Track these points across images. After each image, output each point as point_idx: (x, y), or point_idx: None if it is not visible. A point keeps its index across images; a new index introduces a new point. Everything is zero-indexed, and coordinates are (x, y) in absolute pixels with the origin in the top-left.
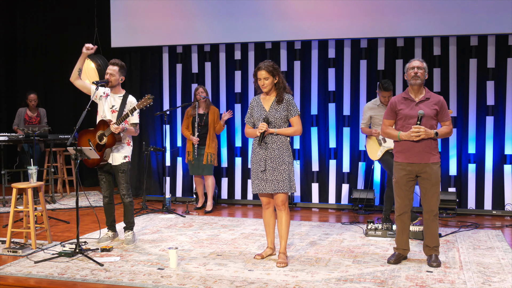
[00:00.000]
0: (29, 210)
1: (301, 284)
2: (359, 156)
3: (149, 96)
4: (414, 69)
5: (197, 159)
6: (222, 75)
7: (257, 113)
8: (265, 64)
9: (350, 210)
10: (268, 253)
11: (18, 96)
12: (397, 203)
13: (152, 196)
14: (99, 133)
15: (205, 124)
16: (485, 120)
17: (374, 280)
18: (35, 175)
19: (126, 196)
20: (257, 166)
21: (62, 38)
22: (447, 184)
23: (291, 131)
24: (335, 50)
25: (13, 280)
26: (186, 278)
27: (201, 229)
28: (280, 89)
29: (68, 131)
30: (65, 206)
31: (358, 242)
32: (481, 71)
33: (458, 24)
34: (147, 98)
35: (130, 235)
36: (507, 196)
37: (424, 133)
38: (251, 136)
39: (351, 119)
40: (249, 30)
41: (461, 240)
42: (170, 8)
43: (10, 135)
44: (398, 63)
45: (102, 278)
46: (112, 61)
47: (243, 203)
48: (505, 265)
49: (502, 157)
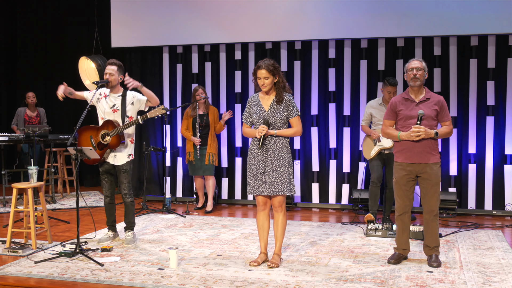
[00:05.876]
0: (29, 210)
1: (302, 284)
2: (359, 156)
3: (163, 107)
4: (413, 71)
5: (199, 160)
6: (222, 75)
7: (256, 113)
8: (265, 63)
9: (351, 210)
10: (263, 259)
11: (18, 96)
12: (397, 203)
13: (153, 196)
14: (103, 132)
15: (206, 125)
16: (485, 120)
17: (375, 280)
18: (35, 175)
19: (128, 195)
20: (256, 168)
21: (62, 38)
22: (447, 184)
23: (291, 132)
24: (335, 50)
25: (14, 280)
26: (186, 278)
27: (201, 229)
28: (280, 89)
29: (68, 131)
30: (65, 206)
31: (358, 242)
32: (481, 71)
33: (458, 24)
34: (160, 108)
35: (130, 235)
36: (507, 196)
37: (424, 133)
38: (249, 136)
39: (351, 119)
40: (249, 30)
41: (461, 240)
42: (170, 8)
43: (10, 135)
44: (398, 63)
45: (102, 278)
46: (110, 61)
47: (243, 203)
48: (505, 265)
49: (502, 157)
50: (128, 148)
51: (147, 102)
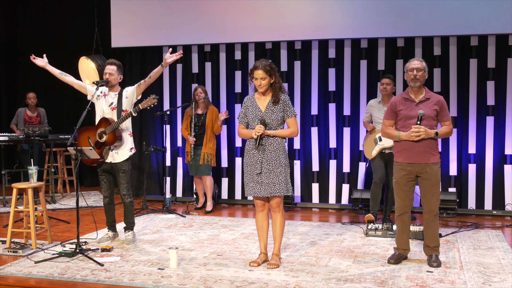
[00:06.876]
0: (29, 210)
1: (302, 284)
2: (359, 156)
3: (153, 96)
4: (413, 71)
5: (194, 159)
6: (222, 75)
7: (252, 113)
8: (262, 63)
9: (351, 210)
10: (263, 259)
11: (18, 96)
12: (397, 203)
13: (152, 196)
14: (100, 130)
15: (202, 125)
16: (485, 120)
17: (375, 280)
18: (35, 175)
19: (127, 196)
20: (253, 169)
21: (62, 38)
22: (447, 184)
23: (288, 133)
24: (335, 50)
25: (14, 280)
26: (186, 278)
27: (201, 229)
28: (276, 90)
29: (68, 131)
30: (65, 206)
31: (358, 242)
32: (481, 71)
33: (458, 24)
34: (152, 98)
35: (130, 235)
36: (507, 196)
37: (424, 133)
38: (245, 136)
39: (351, 119)
40: (249, 30)
41: (462, 240)
42: (170, 8)
43: (10, 135)
44: (398, 63)
45: (102, 278)
46: (109, 61)
47: (243, 203)
48: (505, 265)
49: (502, 157)
50: (128, 142)
51: (137, 87)
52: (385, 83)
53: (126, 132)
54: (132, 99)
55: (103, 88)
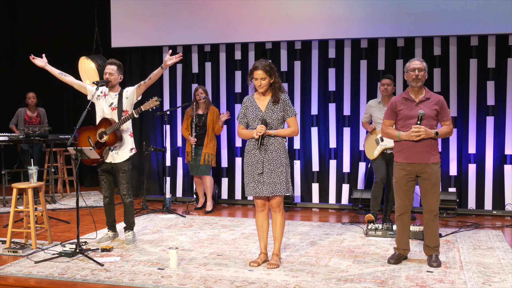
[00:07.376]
0: (29, 210)
1: (302, 284)
2: (359, 156)
3: (156, 99)
4: (415, 72)
5: (195, 159)
6: (222, 75)
7: (252, 114)
8: (262, 63)
9: (351, 210)
10: (263, 259)
11: (18, 96)
12: (397, 203)
13: (152, 196)
14: (100, 130)
15: (203, 125)
16: (485, 120)
17: (375, 280)
18: (35, 175)
19: (127, 196)
20: (254, 169)
21: (62, 38)
22: (447, 184)
23: (289, 132)
24: (335, 50)
25: (14, 280)
26: (186, 278)
27: (201, 229)
28: (276, 89)
29: (68, 131)
30: (65, 206)
31: (358, 242)
32: (481, 71)
33: (458, 24)
34: (154, 100)
35: (130, 235)
36: (507, 196)
37: (424, 133)
38: (245, 137)
39: (351, 119)
40: (249, 30)
41: (462, 240)
42: (170, 8)
43: (10, 135)
44: (398, 63)
45: (102, 278)
46: (110, 61)
47: (243, 203)
48: (505, 265)
49: (502, 157)
50: (129, 142)
51: (137, 88)
52: (386, 84)
53: (126, 133)
54: (133, 100)
55: (103, 88)
